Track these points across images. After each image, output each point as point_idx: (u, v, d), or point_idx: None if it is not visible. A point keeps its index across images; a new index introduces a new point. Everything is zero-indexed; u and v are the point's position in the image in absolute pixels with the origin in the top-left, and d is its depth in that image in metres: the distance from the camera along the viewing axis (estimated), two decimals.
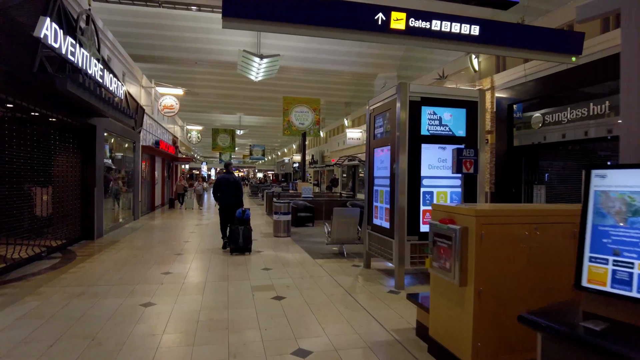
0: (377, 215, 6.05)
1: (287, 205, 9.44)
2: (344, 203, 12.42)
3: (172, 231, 10.29)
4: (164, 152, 17.09)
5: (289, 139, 53.37)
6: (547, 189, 9.61)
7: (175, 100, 13.59)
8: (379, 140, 6.06)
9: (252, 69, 18.54)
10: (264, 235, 9.71)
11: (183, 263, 6.60)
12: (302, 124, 22.74)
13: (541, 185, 10.17)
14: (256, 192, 26.64)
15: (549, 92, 9.06)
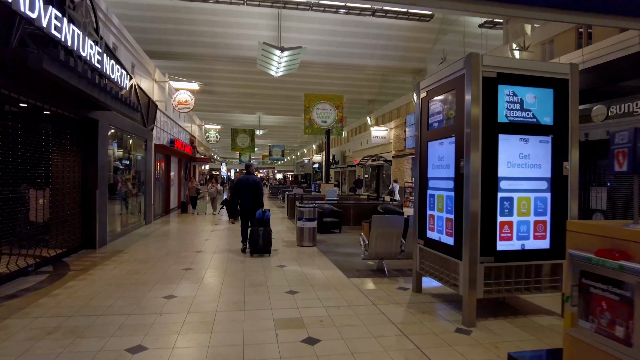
0: (432, 227, 4.74)
1: (313, 211, 8.22)
2: (374, 207, 11.12)
3: (184, 238, 9.22)
4: (180, 151, 16.17)
5: (309, 139, 52.27)
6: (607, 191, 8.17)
7: (190, 96, 12.62)
8: (436, 131, 4.74)
9: (273, 64, 17.43)
10: (286, 244, 8.51)
11: (191, 282, 5.45)
12: (324, 122, 21.50)
13: (601, 188, 8.66)
14: (276, 193, 25.56)
15: (615, 79, 7.54)
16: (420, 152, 5.07)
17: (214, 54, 20.49)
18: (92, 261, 6.69)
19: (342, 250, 7.87)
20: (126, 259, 6.86)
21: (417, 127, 5.19)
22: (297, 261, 6.87)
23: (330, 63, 21.74)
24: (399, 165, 21.66)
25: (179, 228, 11.02)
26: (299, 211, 8.25)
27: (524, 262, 4.17)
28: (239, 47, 19.99)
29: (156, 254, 7.34)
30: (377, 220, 5.82)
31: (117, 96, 6.67)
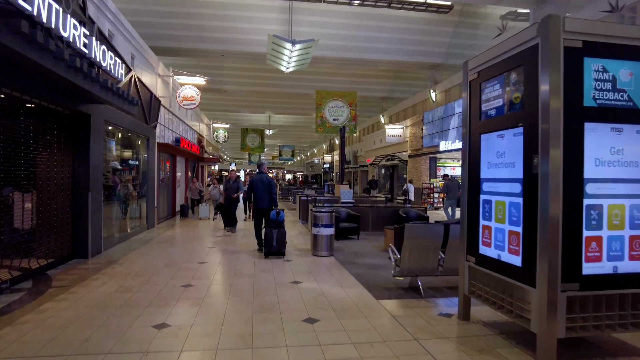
0: (488, 242, 3.77)
1: (330, 216, 7.28)
2: (395, 211, 10.15)
3: (186, 246, 8.36)
4: (187, 151, 15.38)
5: (319, 139, 51.39)
6: None
7: (196, 91, 11.81)
8: (493, 121, 3.77)
9: (283, 58, 16.56)
10: (300, 253, 7.59)
11: (190, 304, 4.56)
12: (337, 120, 20.59)
13: None
14: (286, 194, 24.70)
15: None
16: (470, 147, 4.10)
17: (222, 50, 19.66)
18: (79, 274, 5.85)
19: (364, 261, 6.92)
20: (119, 272, 6.01)
21: (464, 117, 4.22)
22: (313, 275, 5.94)
23: (343, 58, 20.77)
24: (416, 165, 20.62)
25: (182, 234, 10.18)
26: (315, 216, 7.32)
27: (618, 290, 3.18)
28: (248, 42, 19.15)
29: (154, 266, 6.48)
30: (411, 230, 4.87)
31: (108, 85, 5.82)
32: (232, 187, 10.49)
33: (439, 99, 20.37)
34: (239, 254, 7.50)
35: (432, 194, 19.03)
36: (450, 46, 20.71)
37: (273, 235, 7.12)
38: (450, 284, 5.44)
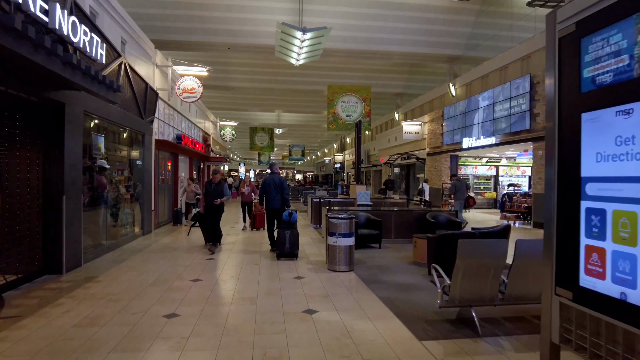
0: (597, 270, 2.52)
1: (349, 224, 6.08)
2: (422, 215, 8.89)
3: (183, 257, 7.23)
4: (190, 149, 14.34)
5: (330, 138, 50.16)
6: None
7: (197, 82, 10.73)
8: (611, 90, 2.51)
9: (293, 49, 15.41)
10: (313, 267, 6.41)
11: (170, 347, 3.40)
12: (350, 117, 19.37)
13: None
14: (297, 195, 23.56)
15: None
16: (561, 134, 2.86)
17: (228, 43, 18.61)
18: (42, 298, 4.75)
19: (392, 280, 5.70)
20: (92, 294, 4.90)
21: (550, 92, 2.97)
22: (331, 299, 4.75)
23: (355, 51, 19.53)
24: (435, 164, 19.27)
25: (180, 242, 9.08)
26: (331, 224, 6.13)
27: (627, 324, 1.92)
28: (256, 34, 18.05)
29: (138, 284, 5.36)
30: (467, 247, 3.63)
31: (74, 62, 4.70)
32: (213, 191, 7.94)
33: (459, 93, 19.02)
34: (241, 268, 6.34)
35: (473, 198, 17.64)
36: (471, 37, 19.32)
37: (286, 237, 7.02)
38: (511, 314, 4.19)
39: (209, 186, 8.08)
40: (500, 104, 14.06)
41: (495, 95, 14.50)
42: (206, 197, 8.09)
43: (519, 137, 13.12)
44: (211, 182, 8.12)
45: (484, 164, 20.01)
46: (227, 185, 9.35)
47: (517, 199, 13.78)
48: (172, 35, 17.78)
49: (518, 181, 20.59)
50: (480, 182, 20.23)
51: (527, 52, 14.26)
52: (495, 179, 20.27)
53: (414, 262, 6.76)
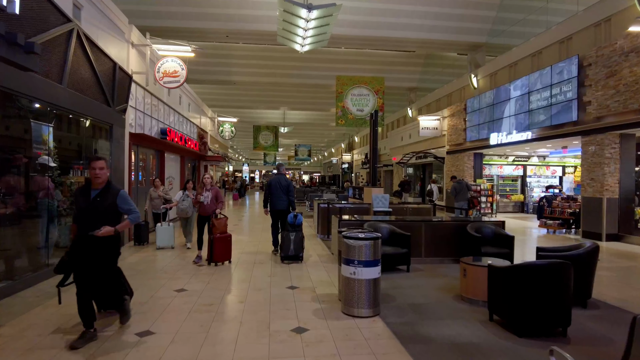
0: None
1: (373, 247, 4.16)
2: (461, 226, 6.96)
3: (139, 290, 5.38)
4: (181, 147, 12.54)
5: (337, 138, 48.21)
6: None
7: (180, 65, 8.87)
8: None
9: (297, 32, 13.55)
10: (320, 308, 4.50)
11: None
12: (361, 111, 17.43)
13: None
14: (302, 197, 21.68)
15: None
16: None
17: (226, 29, 16.83)
18: None
19: (441, 333, 3.78)
20: None
21: None
22: None
23: (367, 37, 17.62)
24: (456, 163, 17.27)
25: (146, 265, 7.22)
26: (348, 247, 4.21)
27: None
28: (256, 19, 16.24)
29: (46, 343, 3.50)
30: None
31: None
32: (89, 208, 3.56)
33: (482, 85, 17.02)
34: (209, 328, 4.47)
35: (478, 198, 15.66)
36: (496, 21, 17.31)
37: (291, 239, 6.86)
38: None
39: (82, 198, 3.68)
40: (538, 93, 12.06)
41: (530, 83, 12.49)
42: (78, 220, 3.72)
43: (562, 131, 11.10)
44: (85, 189, 3.72)
45: (510, 163, 17.97)
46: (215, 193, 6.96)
47: (559, 204, 11.76)
48: (163, 21, 16.04)
49: (548, 182, 18.52)
50: (506, 183, 18.19)
51: (567, 34, 12.25)
52: (523, 180, 18.22)
53: (463, 296, 4.83)
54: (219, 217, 6.70)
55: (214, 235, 6.45)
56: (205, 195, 6.81)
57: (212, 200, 6.82)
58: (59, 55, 5.77)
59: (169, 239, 7.95)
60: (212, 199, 6.83)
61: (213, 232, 6.47)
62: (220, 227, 6.57)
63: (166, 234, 7.90)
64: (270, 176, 7.71)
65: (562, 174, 18.59)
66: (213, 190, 6.92)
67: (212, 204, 6.80)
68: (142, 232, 8.27)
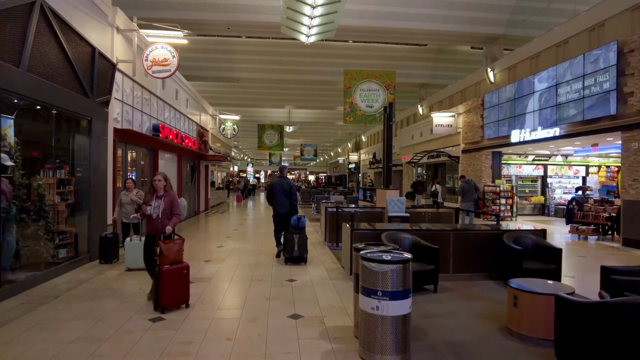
0: None
1: (402, 272, 3.11)
2: (495, 235, 5.90)
3: (107, 319, 4.38)
4: (177, 145, 11.59)
5: (343, 137, 47.07)
6: None
7: (171, 52, 7.87)
8: None
9: (303, 21, 12.55)
10: (332, 349, 3.47)
11: None
12: (371, 107, 16.37)
13: None
14: (308, 199, 20.67)
15: None
16: None
17: (227, 22, 15.87)
18: None
19: None
20: None
21: None
22: None
23: (376, 29, 16.55)
24: (473, 162, 16.15)
25: (104, 290, 6.20)
26: (369, 273, 3.17)
27: None
28: (259, 9, 15.25)
29: None
30: None
31: None
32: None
33: (499, 79, 15.89)
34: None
35: (497, 200, 14.54)
36: (515, 11, 16.16)
37: (294, 241, 6.80)
38: None
39: None
40: (568, 85, 10.92)
41: (558, 74, 11.36)
42: None
43: (597, 126, 9.97)
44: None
45: (530, 162, 16.80)
46: None
47: (591, 207, 10.61)
48: (160, 12, 15.09)
49: (570, 183, 17.32)
50: (525, 184, 17.02)
51: (599, 20, 11.10)
52: (543, 181, 17.04)
53: (512, 330, 3.77)
54: (172, 239, 4.58)
55: (160, 267, 4.30)
56: (154, 205, 4.70)
57: (164, 213, 4.73)
58: (15, 33, 4.81)
59: (141, 255, 5.47)
60: (164, 211, 4.73)
61: (160, 262, 4.34)
62: (171, 254, 4.40)
63: (137, 251, 5.72)
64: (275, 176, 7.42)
65: (586, 174, 17.38)
66: (167, 198, 4.77)
67: (165, 218, 4.73)
68: (110, 247, 6.59)
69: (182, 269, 4.47)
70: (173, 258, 4.42)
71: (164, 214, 4.72)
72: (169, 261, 4.37)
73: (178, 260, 4.49)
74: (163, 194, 4.79)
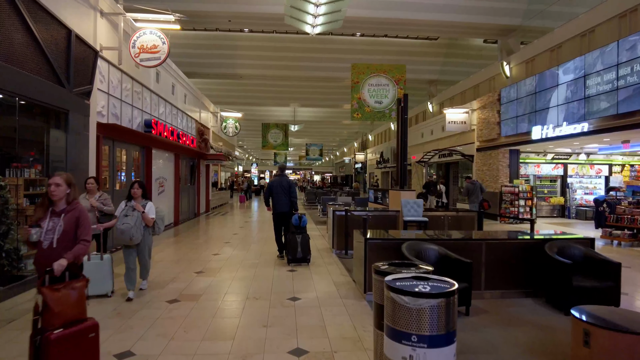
0: None
1: (445, 310, 2.25)
2: (531, 245, 5.00)
3: None
4: (172, 142, 10.81)
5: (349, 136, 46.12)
6: None
7: (160, 37, 7.04)
8: None
9: (308, 9, 11.71)
10: None
11: None
12: (380, 103, 15.46)
13: None
14: (314, 200, 19.80)
15: None
16: None
17: (229, 13, 15.07)
18: None
19: None
20: None
21: None
22: None
23: (385, 20, 15.65)
24: (489, 161, 15.19)
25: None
26: (400, 310, 2.30)
27: None
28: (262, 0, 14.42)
29: None
30: None
31: None
32: None
33: (515, 73, 14.94)
34: None
35: (516, 202, 13.58)
36: (532, 1, 15.20)
37: (297, 242, 6.66)
38: None
39: None
40: (598, 76, 9.96)
41: (587, 64, 10.40)
42: None
43: (634, 120, 9.01)
44: None
45: (549, 161, 15.81)
46: None
47: (626, 210, 9.65)
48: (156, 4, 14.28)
49: (591, 183, 16.32)
50: (544, 185, 16.03)
51: (632, 4, 10.15)
52: (563, 180, 16.04)
53: None
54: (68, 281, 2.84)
55: (45, 335, 2.53)
56: (46, 228, 2.93)
57: (64, 239, 2.94)
58: None
59: (104, 281, 4.76)
60: (64, 236, 2.94)
61: (45, 324, 2.60)
62: (66, 308, 2.67)
63: (99, 273, 4.64)
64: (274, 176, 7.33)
65: (609, 173, 16.35)
66: (70, 214, 2.99)
67: (64, 247, 2.91)
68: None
69: (84, 331, 2.68)
70: (69, 316, 2.66)
71: (62, 241, 2.91)
72: (61, 321, 2.60)
73: (78, 317, 2.71)
74: (64, 208, 2.99)
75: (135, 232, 4.69)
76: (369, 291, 4.68)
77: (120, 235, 4.69)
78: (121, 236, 4.69)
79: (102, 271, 4.76)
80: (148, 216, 4.82)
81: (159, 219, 5.02)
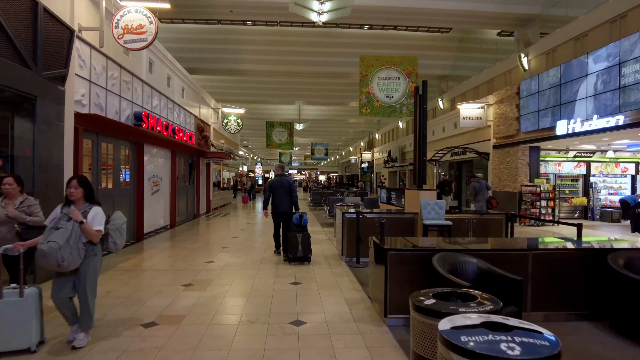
0: None
1: None
2: (590, 257, 4.07)
3: None
4: (167, 138, 9.99)
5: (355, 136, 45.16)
6: None
7: (147, 16, 6.20)
8: None
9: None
10: None
11: None
12: (390, 97, 14.52)
13: None
14: (319, 201, 18.89)
15: None
16: None
17: (230, 2, 14.24)
18: None
19: None
20: None
21: None
22: None
23: (395, 10, 14.77)
24: (506, 159, 14.21)
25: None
26: None
27: None
28: None
29: None
30: None
31: None
32: None
33: (534, 65, 13.93)
34: None
35: (537, 202, 12.60)
36: None
37: (298, 240, 6.59)
38: None
39: None
40: (637, 62, 8.98)
41: (622, 51, 9.41)
42: None
43: None
44: None
45: (570, 159, 14.78)
46: None
47: None
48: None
49: (616, 182, 15.27)
50: (565, 184, 15.01)
51: None
52: (585, 180, 15.00)
53: None
54: None
55: None
56: None
57: None
58: None
59: (24, 328, 3.19)
60: None
61: None
62: None
63: (15, 317, 3.16)
64: None
65: (635, 172, 15.29)
66: None
67: None
68: None
69: None
70: None
71: None
72: None
73: None
74: None
75: (66, 254, 3.13)
76: (391, 314, 3.78)
77: (41, 259, 3.12)
78: (43, 260, 3.12)
79: (22, 314, 3.17)
80: (91, 228, 3.27)
81: (114, 230, 3.48)
